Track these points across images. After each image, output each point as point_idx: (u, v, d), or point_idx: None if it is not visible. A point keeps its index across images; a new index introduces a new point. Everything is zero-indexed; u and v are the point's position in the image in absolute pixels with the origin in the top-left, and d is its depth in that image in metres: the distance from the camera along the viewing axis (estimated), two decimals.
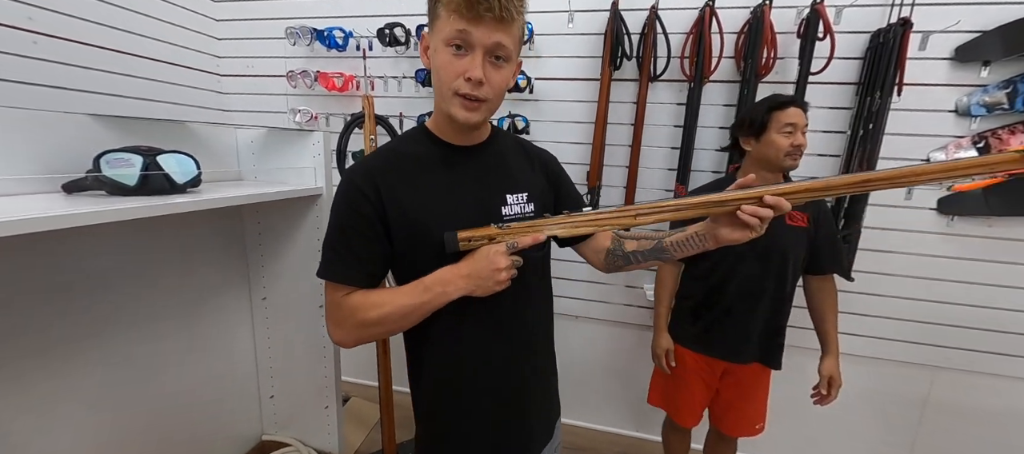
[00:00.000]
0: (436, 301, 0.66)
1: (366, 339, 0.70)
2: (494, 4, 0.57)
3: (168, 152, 0.82)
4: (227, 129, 1.17)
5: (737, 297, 1.21)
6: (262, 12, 1.89)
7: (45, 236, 0.58)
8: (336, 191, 0.70)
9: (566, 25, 1.62)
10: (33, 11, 1.38)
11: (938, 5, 1.36)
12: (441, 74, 0.63)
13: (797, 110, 1.12)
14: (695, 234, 0.71)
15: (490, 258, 0.64)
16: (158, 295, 1.04)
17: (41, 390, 0.83)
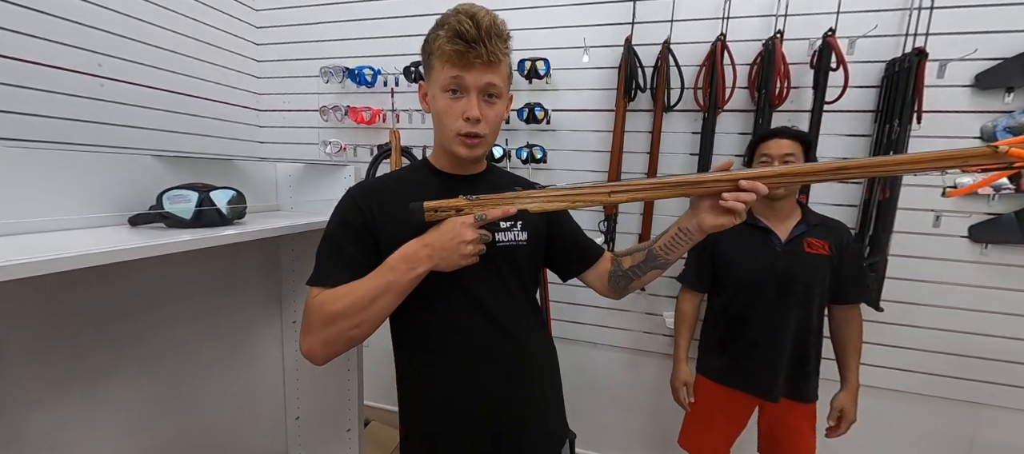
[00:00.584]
0: (403, 279, 0.63)
1: (333, 342, 0.65)
2: (482, 51, 0.64)
3: (219, 188, 0.91)
4: (268, 163, 1.27)
5: (761, 328, 1.18)
6: (299, 53, 2.05)
7: (113, 265, 0.66)
8: (336, 205, 0.74)
9: (581, 60, 1.69)
10: (102, 58, 1.55)
11: (953, 34, 1.37)
12: (442, 118, 0.69)
13: (777, 141, 1.14)
14: (680, 230, 0.71)
15: (456, 229, 0.63)
16: (199, 318, 1.12)
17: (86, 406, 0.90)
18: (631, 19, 1.60)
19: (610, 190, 0.66)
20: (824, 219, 1.22)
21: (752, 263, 1.20)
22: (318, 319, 0.65)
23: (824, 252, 1.16)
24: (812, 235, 1.17)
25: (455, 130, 0.68)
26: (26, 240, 0.69)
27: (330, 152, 1.98)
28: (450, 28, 0.64)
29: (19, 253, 0.56)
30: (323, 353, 0.66)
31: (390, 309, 0.66)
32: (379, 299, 0.64)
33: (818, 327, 1.19)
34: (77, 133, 1.45)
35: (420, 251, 0.64)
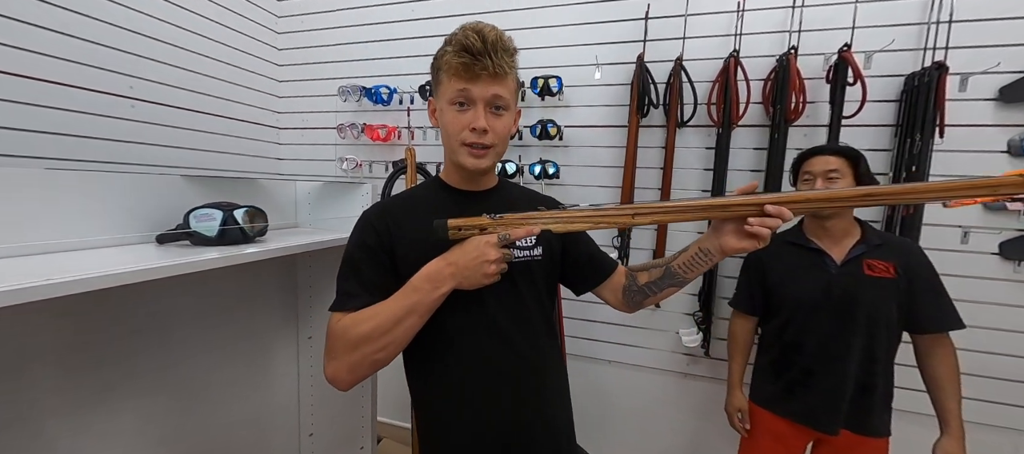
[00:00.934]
0: (427, 299, 0.64)
1: (359, 366, 0.65)
2: (487, 64, 0.66)
3: (242, 207, 0.94)
4: (288, 182, 1.31)
5: (817, 357, 1.10)
6: (318, 74, 2.11)
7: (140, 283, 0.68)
8: (353, 227, 0.74)
9: (593, 77, 1.71)
10: (133, 81, 1.63)
11: (974, 48, 1.35)
12: (449, 129, 0.70)
13: (821, 158, 1.11)
14: (700, 249, 0.70)
15: (479, 248, 0.63)
16: (218, 334, 1.14)
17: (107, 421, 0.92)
18: (643, 37, 1.61)
19: (633, 212, 0.65)
20: (888, 239, 1.14)
21: (805, 287, 1.13)
22: (343, 344, 0.65)
23: (888, 275, 1.07)
24: (873, 256, 1.08)
25: (461, 140, 0.70)
26: (62, 259, 0.71)
27: (346, 168, 2.03)
28: (457, 43, 0.66)
29: (57, 272, 0.58)
30: (349, 378, 0.67)
31: (415, 329, 0.66)
32: (404, 320, 0.64)
33: (887, 356, 1.09)
34: (110, 152, 1.52)
35: (444, 270, 0.64)
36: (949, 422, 1.07)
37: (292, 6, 2.13)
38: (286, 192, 1.30)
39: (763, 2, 1.51)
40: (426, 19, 1.91)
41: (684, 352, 1.73)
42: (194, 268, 0.75)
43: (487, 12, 1.82)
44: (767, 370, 1.23)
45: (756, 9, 1.52)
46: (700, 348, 1.68)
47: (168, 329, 1.01)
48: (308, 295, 1.37)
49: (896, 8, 1.42)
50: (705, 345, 1.67)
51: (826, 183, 1.08)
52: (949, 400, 1.07)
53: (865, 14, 1.42)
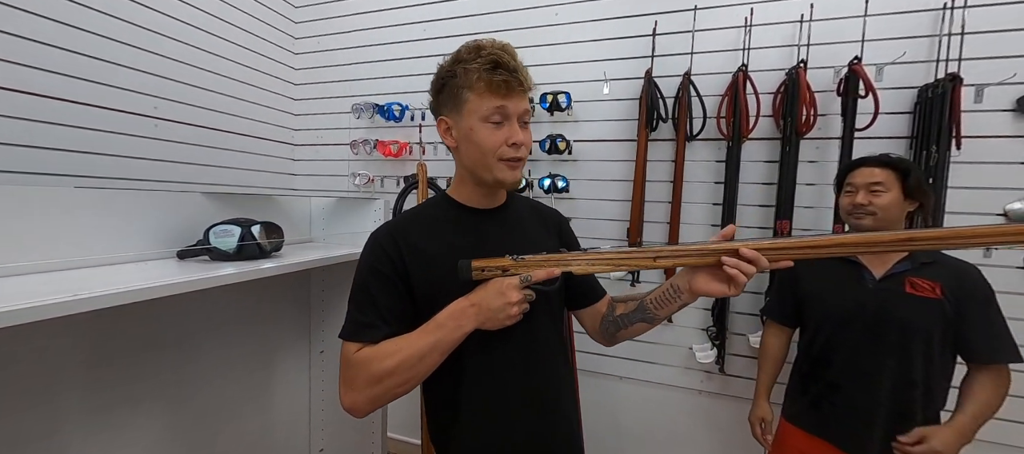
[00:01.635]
0: (450, 337, 0.65)
1: (380, 399, 0.66)
2: (521, 79, 0.67)
3: (259, 223, 0.96)
4: (303, 198, 1.34)
5: (844, 371, 1.06)
6: (332, 92, 2.17)
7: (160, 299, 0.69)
8: (361, 252, 0.73)
9: (602, 92, 1.73)
10: (157, 101, 1.69)
11: (988, 59, 1.33)
12: (484, 146, 0.68)
13: (862, 170, 1.07)
14: (671, 286, 0.70)
15: (502, 290, 0.64)
16: (234, 346, 1.15)
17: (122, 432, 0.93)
18: (651, 52, 1.63)
19: (655, 254, 0.65)
20: (942, 258, 1.06)
21: (837, 299, 1.09)
22: (365, 378, 0.65)
23: (933, 295, 0.99)
24: (918, 274, 1.02)
25: (499, 156, 0.69)
26: (88, 274, 0.74)
27: (359, 184, 2.06)
28: (488, 60, 0.66)
29: (85, 288, 0.61)
30: (368, 409, 0.67)
31: (436, 365, 0.66)
32: (427, 357, 0.65)
33: (928, 382, 1.01)
34: (134, 169, 1.57)
35: (467, 310, 0.65)
36: (956, 417, 0.99)
37: (309, 28, 2.20)
38: (301, 208, 1.33)
39: (771, 17, 1.53)
40: (437, 38, 1.96)
41: (698, 368, 1.70)
42: (213, 283, 0.77)
43: (497, 30, 1.86)
44: (796, 384, 1.20)
45: (764, 24, 1.53)
46: (714, 364, 1.65)
47: (186, 342, 1.03)
48: (321, 309, 1.39)
49: (907, 21, 1.41)
50: (719, 361, 1.64)
51: (869, 196, 1.04)
52: (969, 404, 0.99)
53: (875, 27, 1.42)
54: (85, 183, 1.41)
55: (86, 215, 0.81)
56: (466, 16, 1.92)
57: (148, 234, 0.89)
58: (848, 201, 1.09)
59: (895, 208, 1.04)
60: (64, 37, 1.37)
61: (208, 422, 1.11)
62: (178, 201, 0.95)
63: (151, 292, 0.66)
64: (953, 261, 1.07)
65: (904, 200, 1.05)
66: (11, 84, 1.26)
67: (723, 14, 1.58)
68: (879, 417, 1.02)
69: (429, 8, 1.97)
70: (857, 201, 1.06)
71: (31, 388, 0.77)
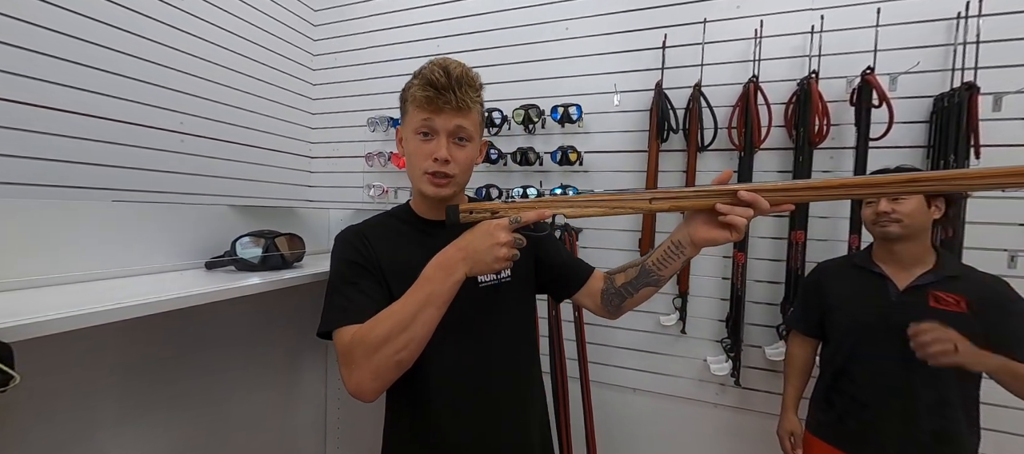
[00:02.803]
0: (441, 287, 0.61)
1: (383, 370, 0.62)
2: (451, 98, 0.68)
3: (282, 234, 1.00)
4: (322, 210, 1.38)
5: (869, 386, 1.04)
6: (348, 106, 2.24)
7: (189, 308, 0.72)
8: (331, 255, 0.76)
9: (613, 104, 1.75)
10: (183, 117, 1.76)
11: (1006, 68, 1.32)
12: (412, 158, 0.72)
13: None
14: (672, 243, 0.69)
15: (490, 231, 0.62)
16: (256, 355, 1.19)
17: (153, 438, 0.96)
18: (661, 65, 1.65)
19: (650, 196, 0.64)
20: (969, 272, 1.04)
21: (858, 311, 1.08)
22: (362, 350, 0.62)
23: (958, 309, 0.97)
24: (942, 287, 1.00)
25: (423, 169, 0.71)
26: (123, 284, 0.78)
27: (373, 195, 2.11)
28: (423, 77, 0.70)
29: (123, 297, 0.64)
30: (373, 385, 0.63)
31: (434, 322, 0.63)
32: (421, 312, 0.61)
33: (960, 399, 0.99)
34: (161, 182, 1.64)
35: (455, 255, 0.63)
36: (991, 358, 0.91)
37: (326, 45, 2.28)
38: (320, 219, 1.37)
39: (781, 29, 1.53)
40: (451, 54, 1.99)
41: (713, 381, 1.67)
42: (240, 293, 0.80)
43: (508, 45, 1.90)
44: (820, 397, 1.18)
45: (774, 35, 1.54)
46: (730, 376, 1.62)
47: (213, 350, 1.07)
48: None
49: (920, 30, 1.41)
50: (735, 373, 1.62)
51: (892, 203, 1.03)
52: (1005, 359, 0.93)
53: (887, 37, 1.42)
54: (120, 197, 1.48)
55: (122, 228, 0.85)
56: (478, 31, 1.97)
57: (178, 246, 0.93)
58: (871, 210, 1.08)
59: (920, 214, 1.03)
60: (96, 56, 1.45)
61: (233, 428, 1.14)
62: (206, 214, 1.00)
63: (186, 301, 0.70)
64: (979, 275, 1.05)
65: (928, 207, 1.04)
66: (51, 103, 1.34)
67: (733, 26, 1.59)
68: (911, 437, 1.00)
69: (443, 24, 2.03)
70: (880, 209, 1.05)
71: (68, 394, 0.80)
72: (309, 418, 1.40)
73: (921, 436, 1.00)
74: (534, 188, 1.80)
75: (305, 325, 1.35)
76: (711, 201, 0.61)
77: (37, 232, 0.74)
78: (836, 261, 1.23)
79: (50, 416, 0.78)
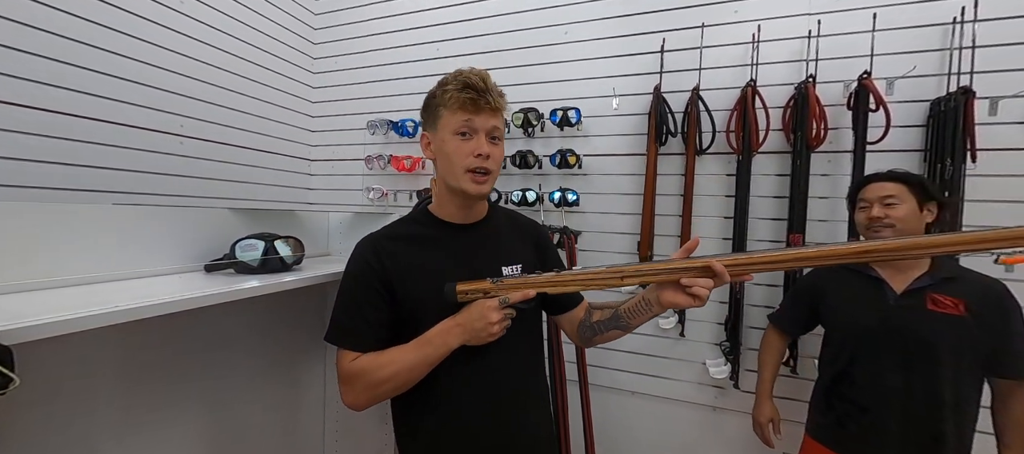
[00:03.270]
0: (437, 352, 0.73)
1: (376, 399, 0.76)
2: (490, 99, 0.75)
3: (281, 237, 1.00)
4: (322, 213, 1.38)
5: (870, 391, 1.04)
6: (348, 109, 2.25)
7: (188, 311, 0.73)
8: (348, 260, 0.81)
9: (611, 107, 1.76)
10: (183, 120, 1.77)
11: (1002, 72, 1.33)
12: (453, 157, 0.76)
13: (876, 184, 1.08)
14: (643, 299, 0.76)
15: (483, 312, 0.72)
16: (256, 357, 1.19)
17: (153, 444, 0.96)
18: (659, 69, 1.66)
19: (622, 274, 0.72)
20: (964, 273, 1.05)
21: (858, 316, 1.08)
22: (363, 385, 0.75)
23: (956, 311, 0.98)
24: (939, 290, 1.01)
25: (465, 166, 0.76)
26: (124, 287, 0.78)
27: (373, 198, 2.11)
28: (460, 82, 0.75)
29: (122, 300, 0.64)
30: (367, 405, 0.77)
31: (424, 375, 0.75)
32: (416, 369, 0.74)
33: (958, 402, 0.99)
34: (161, 185, 1.64)
35: (453, 330, 0.74)
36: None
37: (327, 48, 2.29)
38: (319, 222, 1.37)
39: (778, 33, 1.55)
40: (451, 57, 2.02)
41: (712, 384, 1.67)
42: (238, 296, 0.80)
43: (508, 49, 1.91)
44: (820, 400, 1.18)
45: (771, 40, 1.55)
46: (729, 379, 1.63)
47: (212, 353, 1.07)
48: None
49: (916, 35, 1.42)
50: (734, 376, 1.62)
51: (884, 209, 1.04)
52: (1008, 450, 0.98)
53: (883, 42, 1.43)
54: (120, 200, 1.48)
55: (122, 231, 0.85)
56: (478, 35, 1.98)
57: (178, 248, 0.93)
58: (864, 216, 1.09)
59: (912, 219, 1.03)
60: (97, 60, 1.46)
61: (233, 430, 1.13)
62: (206, 217, 1.00)
63: (181, 305, 0.70)
64: (976, 276, 1.05)
65: (920, 211, 1.04)
66: (52, 106, 1.34)
67: (731, 31, 1.60)
68: (910, 439, 1.00)
69: (442, 29, 2.04)
70: (873, 215, 1.05)
71: (68, 396, 0.80)
72: (309, 420, 1.40)
73: (921, 438, 1.00)
74: (533, 191, 1.80)
75: (305, 328, 1.35)
76: (677, 276, 0.70)
77: (38, 235, 0.74)
78: (832, 265, 1.23)
79: (48, 419, 0.78)
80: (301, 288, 0.97)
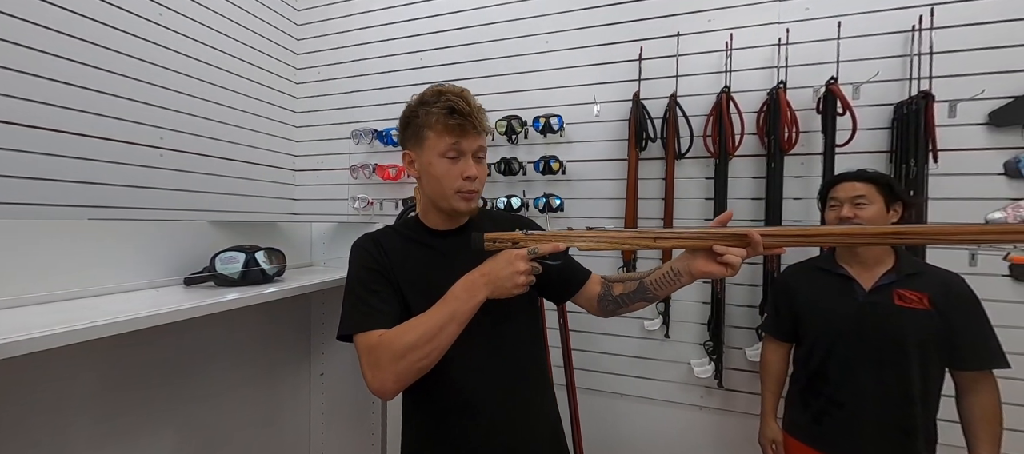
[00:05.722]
0: (464, 306, 0.70)
1: (405, 374, 0.69)
2: (474, 122, 0.76)
3: (262, 248, 1.00)
4: (304, 223, 1.38)
5: (844, 386, 1.08)
6: (332, 119, 2.25)
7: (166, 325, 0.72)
8: (349, 261, 0.81)
9: (592, 114, 1.79)
10: (163, 132, 1.75)
11: (959, 77, 1.40)
12: (442, 180, 0.77)
13: (846, 184, 1.11)
14: (671, 269, 0.75)
15: (510, 260, 0.70)
16: (238, 370, 1.17)
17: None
18: (638, 76, 1.71)
19: (655, 235, 0.70)
20: (926, 268, 1.10)
21: (830, 314, 1.12)
22: (388, 356, 0.69)
23: (921, 305, 1.02)
24: (904, 286, 1.04)
25: (455, 188, 0.77)
26: (101, 302, 0.77)
27: (358, 207, 2.11)
28: (444, 105, 0.75)
29: (99, 315, 0.64)
30: (395, 386, 0.71)
31: (455, 336, 0.70)
32: (446, 327, 0.69)
33: (926, 394, 1.03)
34: (140, 198, 1.62)
35: (478, 280, 0.71)
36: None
37: (310, 58, 2.30)
38: (302, 233, 1.36)
39: (750, 41, 1.60)
40: (433, 66, 2.04)
41: (698, 384, 1.70)
42: (217, 309, 0.80)
43: (490, 58, 1.94)
44: (796, 398, 1.21)
45: (744, 48, 1.61)
46: (713, 378, 1.66)
47: (193, 366, 1.06)
48: (321, 331, 1.41)
49: (879, 42, 1.49)
50: (718, 376, 1.65)
51: (854, 209, 1.07)
52: (981, 446, 1.00)
53: (849, 49, 1.49)
54: (97, 214, 1.45)
55: (99, 246, 0.84)
56: (460, 45, 2.00)
57: (157, 262, 0.93)
58: (834, 216, 1.12)
59: (879, 219, 1.07)
60: (73, 73, 1.44)
61: (215, 443, 1.12)
62: (185, 230, 0.99)
63: (158, 319, 0.69)
64: (938, 271, 1.10)
65: (887, 212, 1.09)
66: (26, 120, 1.32)
67: (705, 39, 1.66)
68: (883, 432, 1.03)
69: (425, 38, 2.06)
70: (843, 215, 1.09)
71: (46, 412, 0.79)
72: (293, 434, 1.38)
73: (893, 431, 1.04)
74: (517, 197, 1.82)
75: (288, 340, 1.34)
76: (709, 242, 0.68)
77: (13, 251, 0.73)
78: (802, 265, 1.27)
79: (24, 435, 0.76)
80: (283, 299, 0.97)
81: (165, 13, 1.72)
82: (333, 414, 1.43)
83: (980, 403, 1.02)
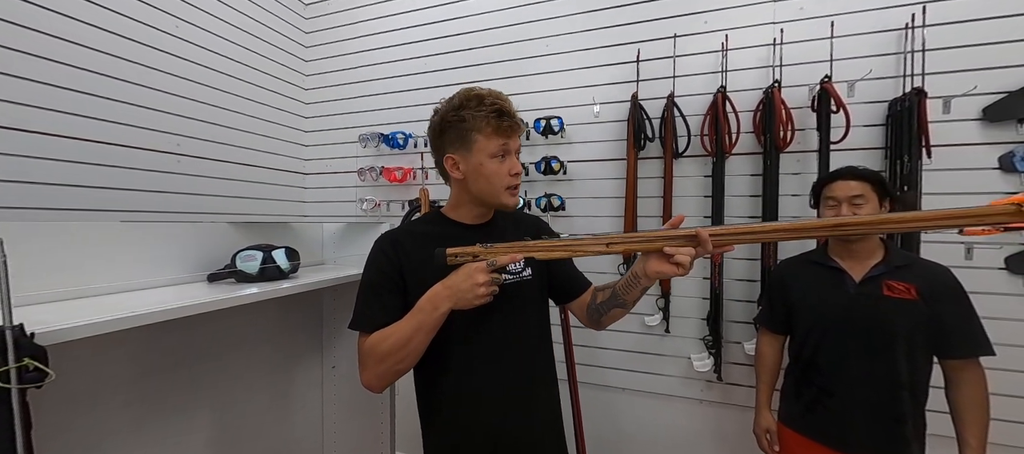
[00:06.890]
0: (429, 318, 0.75)
1: (386, 375, 0.78)
2: (517, 123, 0.83)
3: (278, 247, 1.06)
4: (316, 224, 1.44)
5: (835, 376, 1.11)
6: (340, 123, 2.32)
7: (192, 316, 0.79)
8: (368, 256, 0.86)
9: (592, 115, 1.84)
10: (180, 139, 1.83)
11: (951, 73, 1.42)
12: (493, 179, 0.82)
13: (842, 183, 1.12)
14: (632, 274, 0.80)
15: (470, 274, 0.74)
16: (253, 362, 1.24)
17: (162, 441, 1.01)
18: (636, 77, 1.75)
19: (607, 241, 0.75)
20: (914, 260, 1.14)
21: (822, 306, 1.15)
22: (371, 359, 0.78)
23: (909, 296, 1.05)
24: (893, 277, 1.07)
25: (505, 185, 0.83)
26: (131, 297, 0.84)
27: (366, 208, 2.18)
28: (491, 108, 0.80)
29: (132, 308, 0.70)
30: (379, 384, 0.80)
31: (425, 344, 0.77)
32: (413, 337, 0.76)
33: (914, 382, 1.06)
34: (158, 202, 1.70)
35: (441, 292, 0.76)
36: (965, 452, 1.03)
37: (318, 65, 2.37)
38: (313, 233, 1.43)
39: (745, 42, 1.64)
40: (438, 71, 2.11)
41: (698, 378, 1.74)
42: (238, 302, 0.87)
43: (493, 62, 2.00)
44: (790, 388, 1.24)
45: (739, 48, 1.64)
46: (713, 372, 1.69)
47: (215, 357, 1.13)
48: (332, 325, 1.48)
49: (872, 40, 1.52)
50: (717, 369, 1.68)
51: (851, 209, 1.09)
52: (969, 431, 1.03)
53: (842, 47, 1.52)
54: (126, 218, 1.53)
55: (130, 246, 0.91)
56: (464, 50, 2.06)
57: (182, 261, 1.00)
58: (832, 214, 1.14)
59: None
60: (98, 85, 1.52)
61: (233, 431, 1.19)
62: (207, 230, 1.06)
63: (190, 310, 0.76)
64: (926, 263, 1.13)
65: (880, 208, 1.11)
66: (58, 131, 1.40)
67: (701, 40, 1.69)
68: (873, 420, 1.06)
69: (430, 44, 2.13)
70: (842, 214, 1.10)
71: (80, 400, 0.86)
72: (307, 417, 1.45)
73: (884, 419, 1.07)
74: (520, 197, 1.87)
75: (302, 333, 1.41)
76: (659, 244, 0.72)
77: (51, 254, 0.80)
78: (795, 259, 1.30)
79: (73, 408, 0.83)
80: (297, 294, 1.03)
81: (181, 25, 1.80)
82: (344, 404, 1.49)
83: (967, 391, 1.05)
